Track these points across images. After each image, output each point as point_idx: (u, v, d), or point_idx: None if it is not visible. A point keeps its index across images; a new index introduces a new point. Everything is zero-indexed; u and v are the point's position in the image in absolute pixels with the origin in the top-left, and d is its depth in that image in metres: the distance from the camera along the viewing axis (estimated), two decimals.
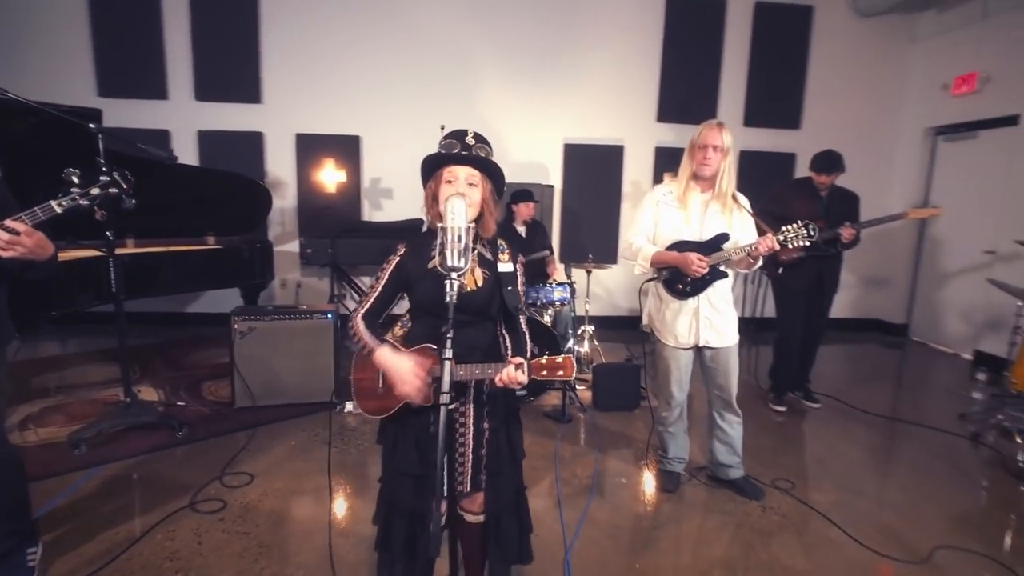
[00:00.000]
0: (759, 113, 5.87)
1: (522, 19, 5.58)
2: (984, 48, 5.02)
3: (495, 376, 1.49)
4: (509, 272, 1.69)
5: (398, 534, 1.68)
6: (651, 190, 2.81)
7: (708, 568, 2.19)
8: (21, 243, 1.59)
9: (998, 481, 3.00)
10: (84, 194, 1.72)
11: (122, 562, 2.11)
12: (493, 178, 1.63)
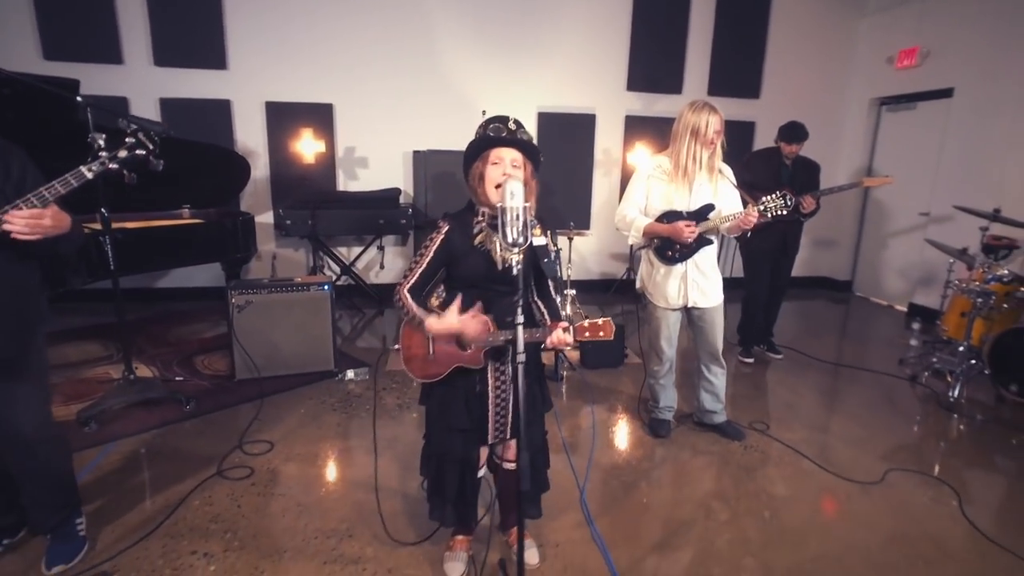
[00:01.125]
0: (722, 83, 6.13)
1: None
2: (925, 24, 5.42)
3: (544, 339, 1.66)
4: (542, 245, 1.84)
5: (451, 482, 1.88)
6: (642, 164, 3.01)
7: (706, 499, 2.50)
8: (41, 224, 1.58)
9: (933, 414, 3.48)
10: (112, 157, 1.70)
11: (168, 527, 2.22)
12: (533, 160, 1.76)
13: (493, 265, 1.73)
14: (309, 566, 2.02)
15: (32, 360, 1.86)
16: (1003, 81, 4.69)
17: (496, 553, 2.10)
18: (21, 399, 1.83)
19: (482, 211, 1.77)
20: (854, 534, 2.29)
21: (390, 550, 2.12)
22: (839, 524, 2.36)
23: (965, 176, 5.01)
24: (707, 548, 2.19)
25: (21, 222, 1.54)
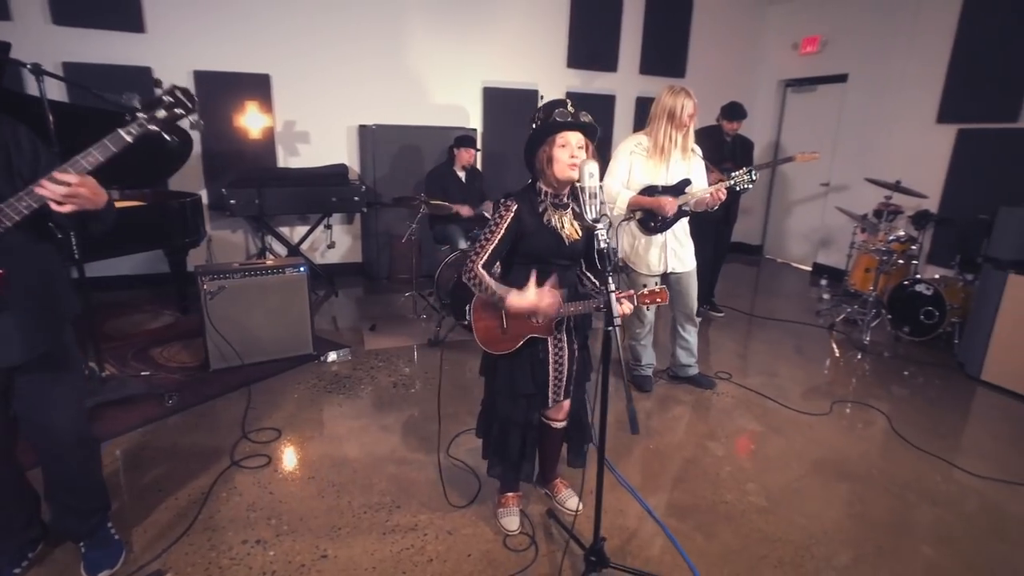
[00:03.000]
0: (652, 63, 6.51)
1: None
2: (825, 15, 6.11)
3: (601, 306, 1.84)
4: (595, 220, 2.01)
5: (514, 443, 2.03)
6: (624, 142, 3.23)
7: (700, 440, 2.86)
8: (78, 194, 1.44)
9: (852, 354, 4.13)
10: (151, 118, 1.55)
11: (204, 521, 2.16)
12: (592, 140, 1.89)
13: (561, 241, 1.87)
14: (370, 539, 2.09)
15: (68, 354, 1.73)
16: (890, 69, 5.46)
17: (540, 505, 2.30)
18: (60, 399, 1.71)
19: (544, 191, 1.89)
20: (822, 455, 2.75)
21: (442, 514, 2.24)
22: (809, 449, 2.81)
23: (859, 150, 5.79)
24: (714, 479, 2.53)
25: (60, 189, 1.39)
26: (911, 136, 5.25)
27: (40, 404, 1.68)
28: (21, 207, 1.42)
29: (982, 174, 4.71)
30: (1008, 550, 2.16)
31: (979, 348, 3.64)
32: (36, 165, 1.56)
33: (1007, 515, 2.36)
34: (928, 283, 4.13)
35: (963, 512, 2.37)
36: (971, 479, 2.60)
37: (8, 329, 1.53)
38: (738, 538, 2.16)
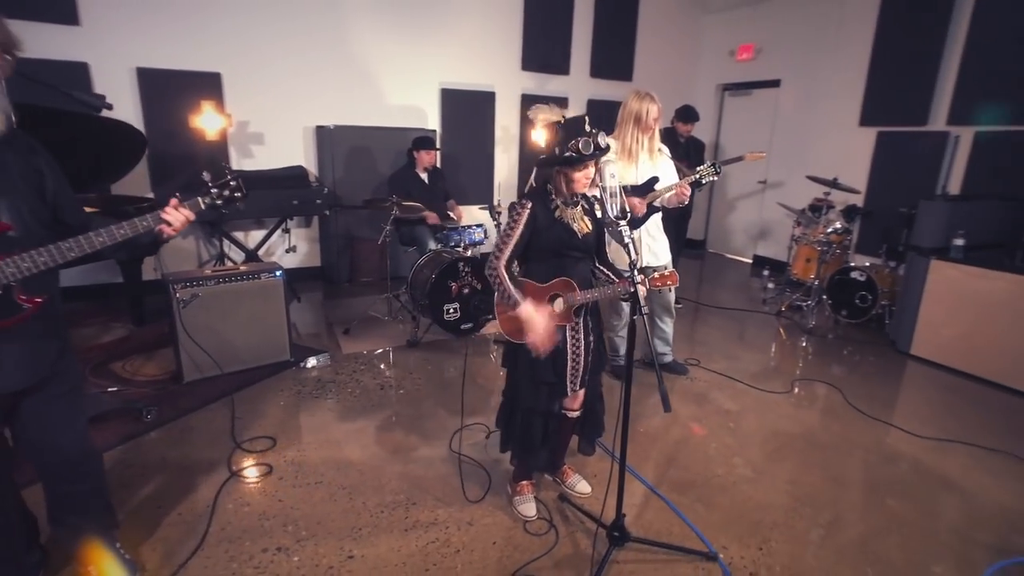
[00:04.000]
0: (602, 66, 6.76)
1: None
2: (758, 24, 6.59)
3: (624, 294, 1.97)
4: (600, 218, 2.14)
5: (537, 431, 2.12)
6: None
7: (685, 422, 3.06)
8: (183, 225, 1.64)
9: (799, 337, 4.52)
10: (219, 195, 1.67)
11: (215, 533, 2.11)
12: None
13: (574, 235, 1.98)
14: (392, 537, 2.11)
15: (71, 370, 1.67)
16: (817, 76, 5.97)
17: (549, 491, 2.40)
18: (65, 417, 1.65)
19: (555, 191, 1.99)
20: (792, 428, 3.03)
21: (459, 507, 2.29)
22: (780, 423, 3.08)
23: (792, 150, 6.29)
24: (704, 456, 2.73)
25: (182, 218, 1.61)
26: (838, 137, 5.78)
27: (46, 423, 1.62)
28: (140, 225, 1.53)
29: (900, 172, 5.27)
30: (954, 497, 2.49)
31: (908, 327, 4.09)
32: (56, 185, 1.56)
33: (948, 467, 2.71)
34: (861, 270, 4.58)
35: (914, 468, 2.70)
36: (916, 439, 2.95)
37: (24, 351, 1.48)
38: (735, 506, 2.36)
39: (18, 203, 1.45)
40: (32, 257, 1.39)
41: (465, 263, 4.08)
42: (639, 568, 1.99)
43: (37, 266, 1.40)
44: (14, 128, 1.47)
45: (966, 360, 3.77)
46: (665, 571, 1.98)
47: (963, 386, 3.65)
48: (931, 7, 4.88)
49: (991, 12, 4.53)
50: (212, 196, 1.66)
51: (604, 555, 1.93)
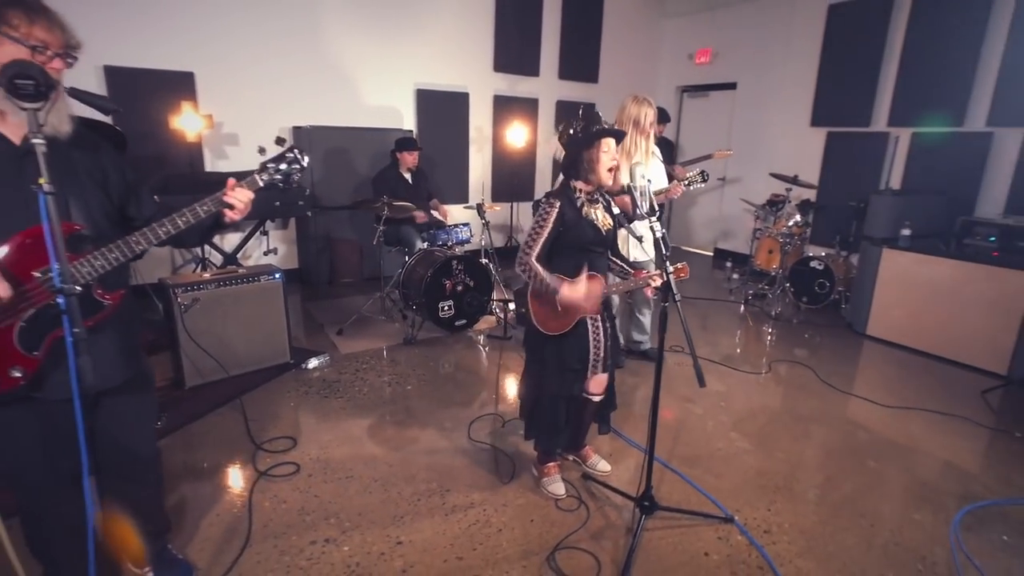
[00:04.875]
0: (569, 69, 6.98)
1: None
2: (715, 30, 6.98)
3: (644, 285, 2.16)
4: (618, 214, 2.32)
5: (562, 412, 2.28)
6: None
7: (680, 402, 3.30)
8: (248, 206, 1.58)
9: (766, 322, 4.88)
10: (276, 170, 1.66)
11: (259, 531, 2.15)
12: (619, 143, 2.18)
13: (598, 231, 2.15)
14: (435, 522, 2.22)
15: (147, 372, 1.69)
16: (771, 79, 6.41)
17: (570, 472, 2.57)
18: (142, 419, 1.68)
19: (579, 189, 2.15)
20: (777, 403, 3.32)
21: (491, 491, 2.42)
22: (765, 400, 3.37)
23: (749, 149, 6.71)
24: (703, 432, 2.97)
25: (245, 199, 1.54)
26: (791, 137, 6.22)
27: (123, 422, 1.63)
28: (201, 210, 1.47)
29: (848, 169, 5.74)
30: (921, 455, 2.83)
31: (863, 310, 4.51)
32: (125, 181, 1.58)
33: (912, 431, 3.06)
34: (819, 260, 4.99)
35: (885, 433, 3.03)
36: (882, 408, 3.31)
37: (113, 348, 1.50)
38: (739, 474, 2.60)
39: (87, 202, 1.46)
40: (105, 254, 1.40)
41: (458, 261, 4.19)
42: (667, 534, 2.18)
43: (110, 262, 1.41)
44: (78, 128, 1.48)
45: (915, 338, 4.21)
46: (690, 535, 2.19)
47: (913, 361, 4.08)
48: (871, 20, 5.35)
49: (923, 26, 5.02)
50: (270, 171, 1.62)
51: (637, 524, 2.11)
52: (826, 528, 2.26)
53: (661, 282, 2.14)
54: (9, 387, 1.35)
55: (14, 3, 1.32)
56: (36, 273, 1.32)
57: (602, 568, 2.00)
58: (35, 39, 1.33)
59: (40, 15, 1.35)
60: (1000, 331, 3.78)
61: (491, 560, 2.03)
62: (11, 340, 1.33)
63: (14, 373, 1.35)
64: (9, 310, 1.30)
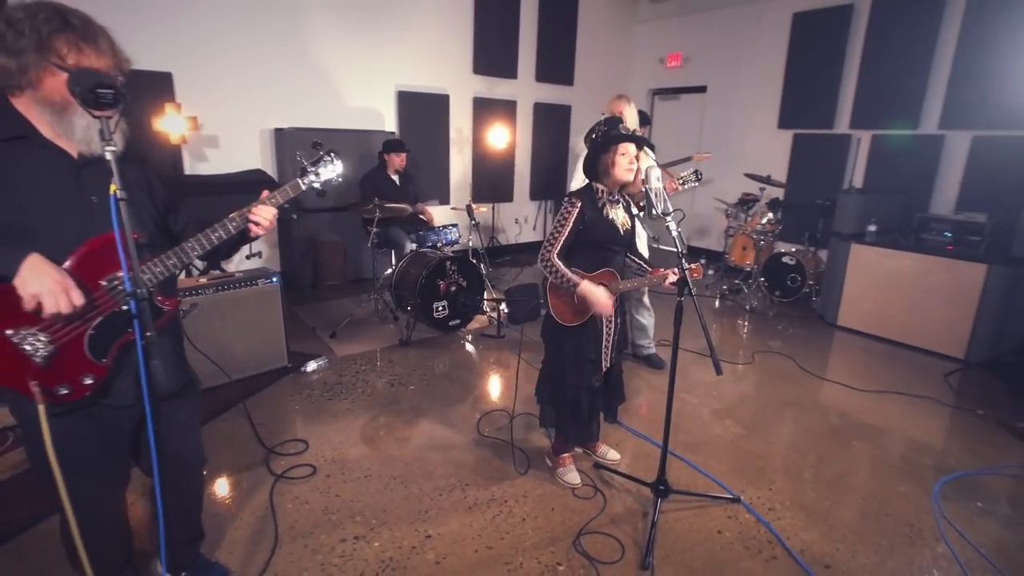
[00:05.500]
0: (546, 71, 7.11)
1: None
2: (685, 34, 7.23)
3: (662, 282, 2.28)
4: (635, 215, 2.44)
5: (584, 403, 2.38)
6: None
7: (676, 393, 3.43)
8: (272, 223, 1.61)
9: (743, 315, 5.12)
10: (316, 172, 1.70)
11: (286, 532, 2.16)
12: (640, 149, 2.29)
13: (616, 230, 2.26)
14: (459, 515, 2.29)
15: (194, 377, 1.71)
16: (739, 83, 6.69)
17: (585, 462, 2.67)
18: (190, 423, 1.69)
19: (601, 189, 2.26)
20: (764, 392, 3.52)
21: (509, 483, 2.50)
22: (753, 388, 3.56)
23: (719, 150, 6.97)
24: (701, 421, 3.13)
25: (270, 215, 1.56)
26: (760, 138, 6.52)
27: (173, 428, 1.64)
28: (231, 226, 1.50)
29: (814, 169, 6.06)
30: (897, 434, 3.06)
31: (834, 301, 4.79)
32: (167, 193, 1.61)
33: (888, 412, 3.30)
34: (791, 255, 5.27)
35: (863, 415, 3.26)
36: (859, 392, 3.55)
37: (171, 354, 1.53)
38: (739, 458, 2.76)
39: (141, 212, 1.48)
40: (163, 261, 1.43)
41: (451, 262, 4.24)
42: (681, 516, 2.31)
43: (169, 269, 1.44)
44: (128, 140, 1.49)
45: (882, 327, 4.51)
46: (702, 516, 2.32)
47: (881, 348, 4.37)
48: (832, 28, 5.68)
49: (880, 35, 5.36)
50: (311, 176, 1.66)
51: (655, 507, 2.23)
52: (823, 503, 2.43)
53: (677, 278, 2.26)
54: (82, 394, 1.36)
55: (63, 28, 1.30)
56: (102, 282, 1.33)
57: (626, 550, 2.11)
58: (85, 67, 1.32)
59: (89, 43, 1.32)
60: (958, 319, 4.10)
61: (520, 548, 2.11)
62: (82, 348, 1.34)
63: (86, 380, 1.36)
64: (80, 319, 1.31)
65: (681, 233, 2.09)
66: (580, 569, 2.02)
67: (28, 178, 1.32)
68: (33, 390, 1.29)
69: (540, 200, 7.58)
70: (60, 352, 1.32)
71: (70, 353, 1.34)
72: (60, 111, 1.32)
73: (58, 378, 1.33)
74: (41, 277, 1.23)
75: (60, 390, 1.33)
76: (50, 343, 1.31)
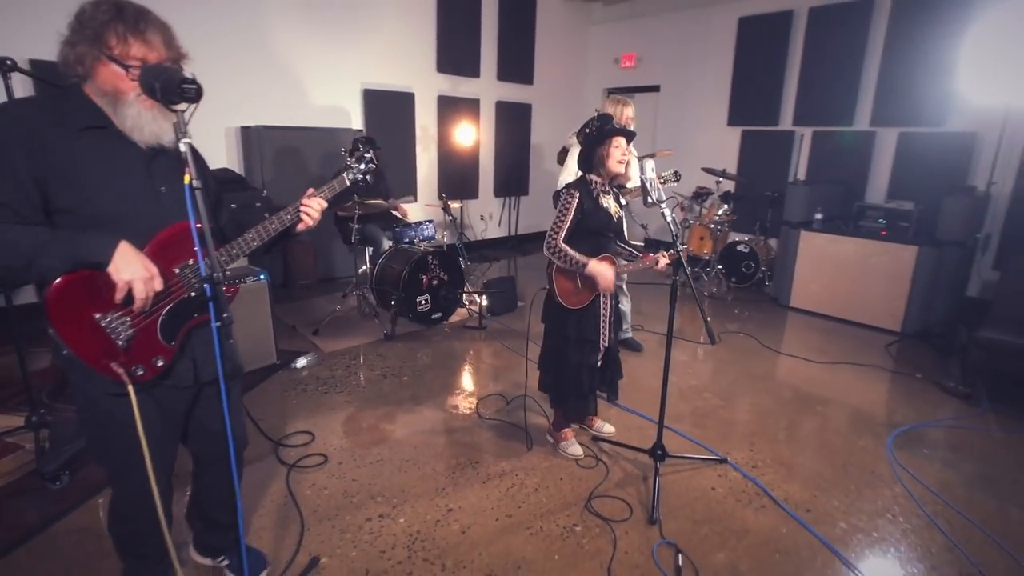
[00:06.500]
0: (508, 71, 7.27)
1: None
2: (638, 36, 7.57)
3: (654, 265, 2.49)
4: (624, 205, 2.64)
5: (586, 380, 2.56)
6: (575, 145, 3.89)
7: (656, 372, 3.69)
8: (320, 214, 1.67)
9: (707, 302, 5.47)
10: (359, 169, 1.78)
11: (311, 516, 2.23)
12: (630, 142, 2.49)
13: (611, 218, 2.46)
14: (475, 490, 2.42)
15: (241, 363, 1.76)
16: (691, 82, 7.08)
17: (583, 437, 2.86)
18: (236, 408, 1.76)
19: (595, 181, 2.44)
20: (734, 367, 3.82)
21: (517, 459, 2.66)
22: (723, 364, 3.87)
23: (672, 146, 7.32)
24: (682, 395, 3.39)
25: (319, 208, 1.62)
26: (711, 135, 6.93)
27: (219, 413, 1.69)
28: (287, 219, 1.57)
29: (761, 163, 6.51)
30: (852, 397, 3.42)
31: (786, 285, 5.21)
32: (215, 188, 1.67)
33: (841, 380, 3.67)
34: (745, 243, 5.67)
35: (821, 383, 3.62)
36: (815, 364, 3.92)
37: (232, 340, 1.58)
38: (721, 425, 3.03)
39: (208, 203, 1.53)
40: (227, 250, 1.50)
41: (433, 256, 4.34)
42: (677, 477, 2.54)
43: (233, 258, 1.51)
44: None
45: (830, 306, 4.94)
46: (696, 476, 2.56)
47: (830, 325, 4.80)
48: (774, 32, 6.13)
49: (817, 40, 5.85)
50: (354, 170, 1.75)
51: (655, 470, 2.44)
52: (798, 459, 2.73)
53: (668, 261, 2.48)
54: (154, 375, 1.42)
55: (114, 20, 1.34)
56: (175, 269, 1.39)
57: (633, 509, 2.31)
58: (132, 59, 1.36)
59: (136, 35, 1.37)
60: (894, 297, 4.57)
61: (537, 514, 2.27)
62: (155, 332, 1.40)
63: (158, 362, 1.42)
64: (155, 304, 1.37)
65: (676, 219, 2.30)
66: (595, 528, 2.20)
67: (108, 168, 1.36)
68: (118, 371, 1.35)
69: (504, 197, 7.74)
70: (137, 335, 1.38)
71: (145, 336, 1.40)
72: (113, 101, 1.36)
73: (134, 360, 1.39)
74: (133, 265, 1.29)
75: (137, 371, 1.39)
76: (131, 327, 1.36)
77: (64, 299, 1.30)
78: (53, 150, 1.29)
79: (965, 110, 4.91)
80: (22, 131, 1.27)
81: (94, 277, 1.28)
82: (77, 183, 1.32)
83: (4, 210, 1.25)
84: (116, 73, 1.35)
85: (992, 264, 4.94)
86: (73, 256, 1.26)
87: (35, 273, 1.27)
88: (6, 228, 1.24)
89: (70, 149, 1.31)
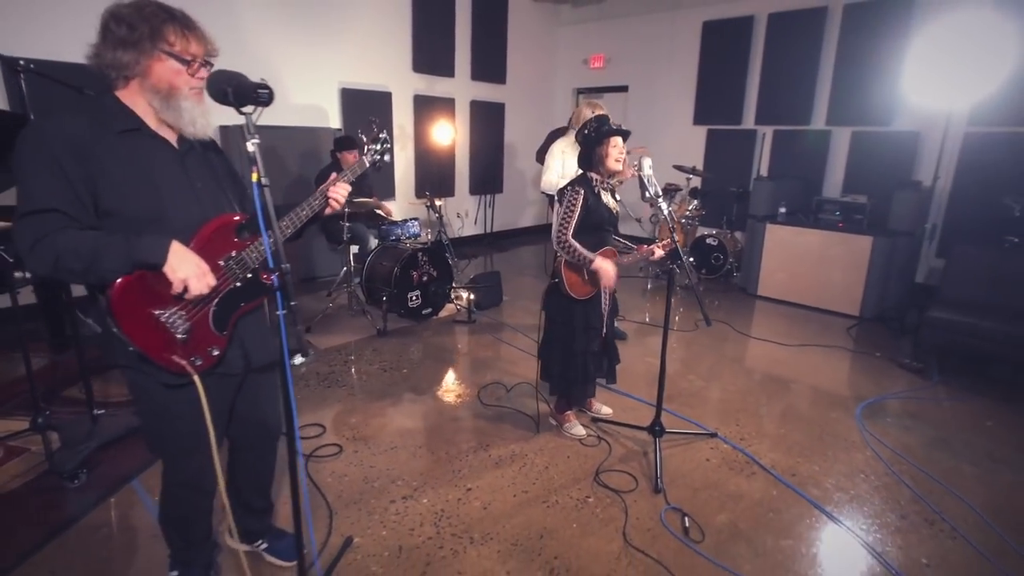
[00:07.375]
0: (481, 70, 7.39)
1: None
2: (606, 37, 7.82)
3: (651, 256, 2.68)
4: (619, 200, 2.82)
5: (589, 365, 2.73)
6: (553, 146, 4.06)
7: (641, 357, 3.92)
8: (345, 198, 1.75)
9: (683, 294, 5.75)
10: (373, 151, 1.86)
11: (335, 501, 2.32)
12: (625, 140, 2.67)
13: (611, 213, 2.64)
14: (489, 470, 2.56)
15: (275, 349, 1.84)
16: (657, 83, 7.38)
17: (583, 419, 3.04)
18: (273, 393, 1.83)
19: (595, 178, 2.62)
20: (712, 351, 4.09)
21: (525, 441, 2.81)
22: (702, 350, 4.12)
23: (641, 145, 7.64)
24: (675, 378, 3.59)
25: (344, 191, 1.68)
26: (678, 134, 7.25)
27: (260, 396, 1.79)
28: (316, 204, 1.63)
29: (726, 160, 6.86)
30: (821, 375, 3.72)
31: (754, 275, 5.54)
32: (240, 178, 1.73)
33: (810, 360, 3.98)
34: (714, 237, 5.98)
35: (792, 363, 3.92)
36: (785, 347, 4.22)
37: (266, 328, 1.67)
38: (707, 404, 3.27)
39: (236, 195, 1.62)
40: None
41: (423, 253, 4.43)
42: (674, 451, 2.75)
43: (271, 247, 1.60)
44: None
45: (794, 293, 5.30)
46: (691, 449, 2.78)
47: (795, 312, 5.15)
48: (736, 35, 6.48)
49: (776, 44, 6.22)
50: (371, 152, 1.83)
51: (655, 445, 2.64)
52: (780, 430, 2.98)
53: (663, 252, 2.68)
54: (210, 364, 1.49)
55: (169, 19, 1.43)
56: (220, 262, 1.47)
57: (638, 480, 2.50)
58: (190, 54, 1.45)
59: (193, 30, 1.47)
60: (852, 284, 4.95)
61: (551, 488, 2.44)
62: (207, 323, 1.47)
63: (213, 352, 1.49)
64: (206, 297, 1.45)
65: (672, 212, 2.49)
66: (606, 499, 2.38)
67: (146, 169, 1.42)
68: (181, 363, 1.42)
69: (480, 195, 7.86)
70: (193, 328, 1.46)
71: (200, 328, 1.48)
72: (166, 97, 1.42)
73: (192, 351, 1.46)
74: (187, 263, 1.36)
75: (196, 361, 1.47)
76: (187, 320, 1.44)
77: (126, 299, 1.36)
78: (99, 154, 1.35)
79: (909, 111, 5.35)
80: (70, 138, 1.32)
81: (147, 276, 1.34)
82: (123, 184, 1.38)
83: (61, 216, 1.30)
84: (174, 69, 1.42)
85: (936, 252, 5.40)
86: (131, 258, 1.32)
87: (95, 276, 1.33)
88: (65, 234, 1.29)
89: (113, 152, 1.37)
